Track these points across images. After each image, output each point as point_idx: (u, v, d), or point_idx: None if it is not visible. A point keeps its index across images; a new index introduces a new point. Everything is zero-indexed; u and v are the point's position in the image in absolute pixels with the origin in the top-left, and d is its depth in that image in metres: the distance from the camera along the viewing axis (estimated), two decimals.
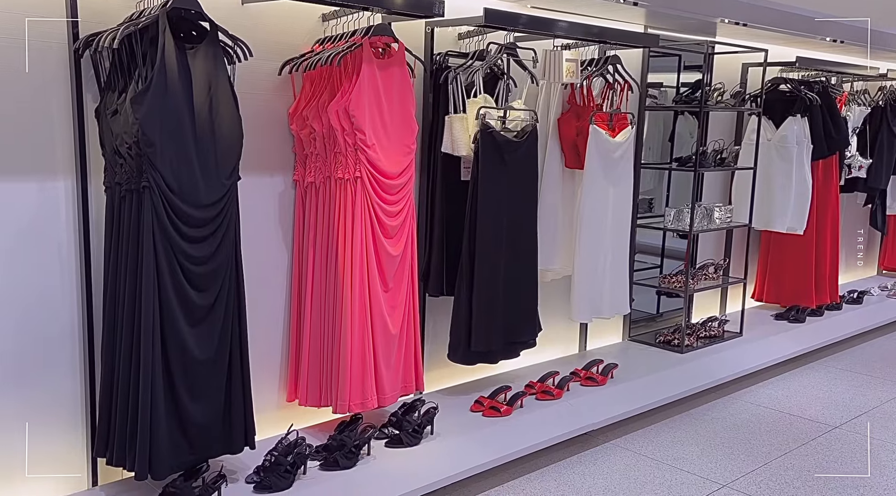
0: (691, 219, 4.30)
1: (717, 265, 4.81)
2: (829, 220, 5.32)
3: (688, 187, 5.00)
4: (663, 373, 4.03)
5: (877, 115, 5.80)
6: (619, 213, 3.97)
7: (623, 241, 4.05)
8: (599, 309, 3.97)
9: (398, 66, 3.01)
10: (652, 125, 4.81)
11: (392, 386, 3.05)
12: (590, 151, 3.76)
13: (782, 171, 4.96)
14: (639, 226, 4.39)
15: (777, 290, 5.35)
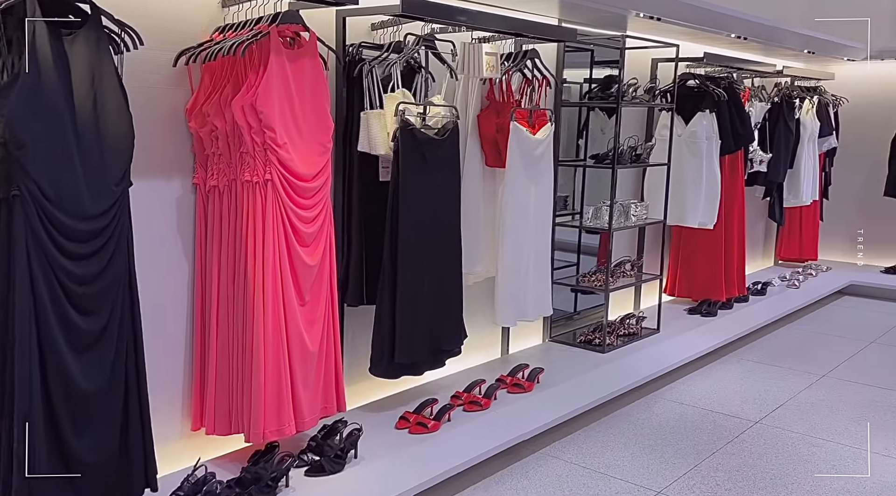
0: (610, 216, 4.24)
1: (633, 262, 4.79)
2: (735, 213, 5.43)
3: (601, 184, 4.96)
4: (588, 375, 3.95)
5: (775, 110, 5.98)
6: (541, 212, 3.85)
7: (545, 241, 3.93)
8: (524, 311, 3.84)
9: (310, 58, 2.74)
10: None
11: (311, 408, 2.78)
12: (511, 149, 3.61)
13: (693, 167, 5.00)
14: (557, 224, 4.29)
15: (689, 285, 5.42)
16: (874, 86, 6.96)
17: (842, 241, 7.27)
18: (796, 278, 6.36)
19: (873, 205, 7.03)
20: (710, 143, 5.01)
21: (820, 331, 5.51)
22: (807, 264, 6.91)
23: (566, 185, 4.96)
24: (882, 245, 7.06)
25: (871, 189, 6.99)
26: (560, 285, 4.43)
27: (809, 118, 6.34)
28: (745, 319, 5.21)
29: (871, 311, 6.13)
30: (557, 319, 4.66)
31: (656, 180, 4.96)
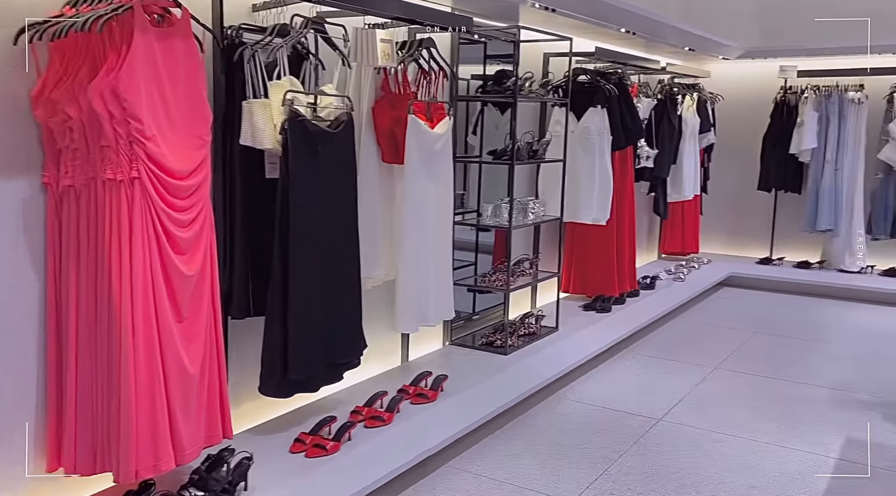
0: (510, 214, 4.11)
1: (531, 260, 4.69)
2: (626, 209, 5.47)
3: (496, 182, 4.83)
4: (492, 380, 3.79)
5: (659, 107, 6.09)
6: (442, 211, 3.65)
7: (446, 241, 3.74)
8: (425, 316, 3.62)
9: (182, 39, 2.39)
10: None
11: (192, 438, 2.44)
12: (409, 144, 3.39)
13: (586, 163, 4.97)
14: (456, 223, 4.11)
15: (583, 281, 5.40)
16: (746, 84, 7.26)
17: (720, 234, 7.57)
18: (681, 271, 6.52)
19: (747, 199, 7.35)
20: (602, 138, 4.99)
21: (707, 323, 5.65)
22: (689, 257, 7.12)
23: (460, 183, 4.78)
24: (756, 237, 7.39)
25: (744, 184, 7.31)
26: (459, 286, 4.25)
27: (690, 114, 6.51)
28: (637, 314, 5.24)
29: (749, 301, 6.38)
30: (457, 321, 4.48)
31: (550, 177, 4.88)
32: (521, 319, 4.58)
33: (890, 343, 5.17)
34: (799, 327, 5.57)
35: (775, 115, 6.90)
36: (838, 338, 5.29)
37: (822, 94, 6.64)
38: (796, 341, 5.20)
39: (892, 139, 6.36)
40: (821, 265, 6.86)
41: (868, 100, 6.53)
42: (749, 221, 7.43)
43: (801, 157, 6.72)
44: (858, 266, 6.63)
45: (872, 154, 6.54)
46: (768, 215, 7.28)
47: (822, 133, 6.60)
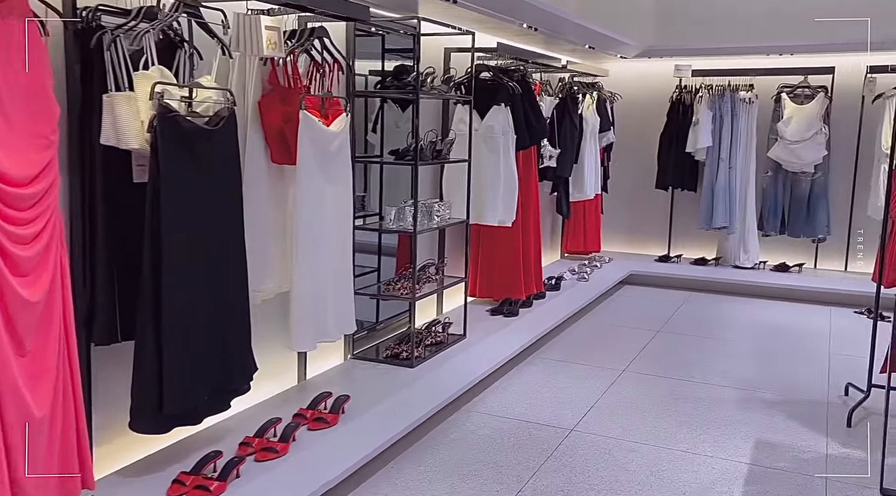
0: (415, 217, 3.86)
1: (436, 265, 4.47)
2: (531, 210, 5.34)
3: (398, 182, 4.58)
4: (399, 396, 3.54)
5: (560, 105, 6.01)
6: (340, 215, 3.36)
7: (346, 248, 3.45)
8: (324, 331, 3.32)
9: (16, 19, 2.00)
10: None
11: (41, 493, 2.05)
12: (302, 143, 3.07)
13: (491, 163, 4.79)
14: (356, 227, 3.83)
15: (489, 285, 5.23)
16: (643, 83, 7.33)
17: (619, 233, 7.61)
18: (584, 271, 6.49)
19: (645, 197, 7.42)
20: (507, 137, 4.83)
21: (611, 323, 5.61)
22: (591, 256, 7.11)
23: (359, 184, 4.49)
24: (655, 235, 7.48)
25: (643, 182, 7.38)
26: (362, 295, 3.97)
27: (590, 113, 6.48)
28: (544, 317, 5.12)
29: (650, 299, 6.41)
30: (359, 332, 4.19)
31: (454, 177, 4.68)
32: (428, 328, 4.35)
33: (785, 338, 5.28)
34: (699, 325, 5.62)
35: (671, 114, 6.98)
36: (737, 335, 5.36)
37: (715, 94, 6.77)
38: (698, 339, 5.23)
39: (780, 138, 6.56)
40: (717, 262, 7.01)
41: (758, 99, 6.70)
42: (647, 220, 7.51)
43: (696, 155, 6.83)
44: (752, 262, 6.80)
45: (763, 152, 6.73)
46: (666, 213, 7.38)
47: (717, 132, 6.73)
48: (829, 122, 6.47)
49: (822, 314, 5.95)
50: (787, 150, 6.52)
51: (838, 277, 6.61)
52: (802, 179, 6.63)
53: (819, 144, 6.43)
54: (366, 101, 4.27)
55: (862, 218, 6.56)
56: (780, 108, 6.63)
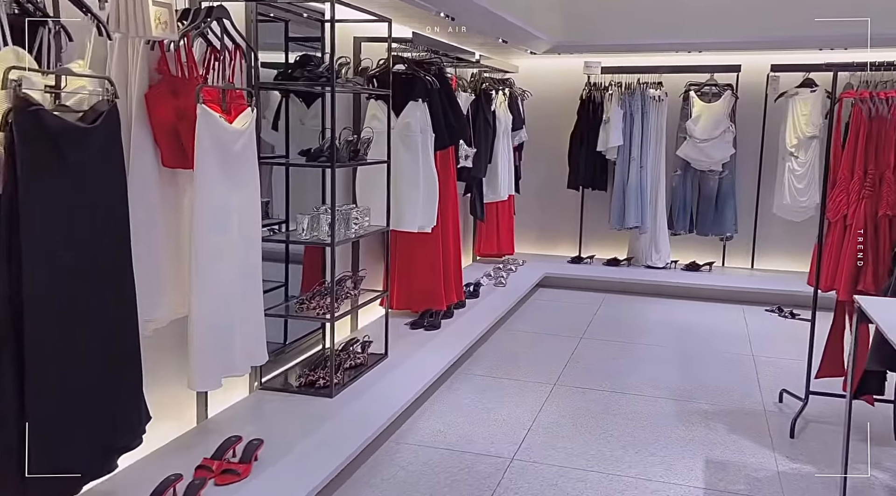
0: (332, 227, 3.40)
1: (353, 278, 4.03)
2: (450, 214, 4.99)
3: (304, 186, 4.11)
4: (319, 434, 3.09)
5: (474, 103, 5.70)
6: (247, 227, 2.87)
7: (254, 265, 2.96)
8: (231, 364, 2.83)
9: None
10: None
11: None
12: (201, 143, 2.57)
13: (409, 164, 4.40)
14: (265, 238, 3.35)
15: (408, 296, 4.84)
16: (553, 80, 7.15)
17: (531, 234, 7.41)
18: (501, 275, 6.22)
19: (556, 197, 7.26)
20: (425, 136, 4.45)
21: (533, 331, 5.36)
22: (505, 259, 6.86)
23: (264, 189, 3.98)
24: (566, 236, 7.32)
25: (553, 182, 7.21)
26: (272, 317, 3.48)
27: (503, 111, 6.21)
28: (467, 328, 4.79)
29: (567, 303, 6.22)
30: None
31: (369, 180, 4.26)
32: (345, 348, 3.90)
33: (706, 340, 5.20)
34: (620, 329, 5.46)
35: (582, 113, 6.83)
36: (659, 339, 5.23)
37: (625, 92, 6.67)
38: (622, 345, 5.06)
39: (689, 136, 6.54)
40: (629, 262, 6.93)
41: (668, 97, 6.66)
42: (558, 220, 7.35)
43: (607, 154, 6.71)
44: (664, 262, 6.76)
45: (673, 151, 6.69)
46: (576, 213, 7.24)
47: (628, 130, 6.63)
48: (735, 120, 6.51)
49: (734, 313, 5.95)
50: (696, 149, 6.51)
51: (746, 275, 6.67)
52: (710, 178, 6.64)
53: (727, 142, 6.45)
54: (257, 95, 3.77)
55: (767, 216, 6.65)
56: (688, 106, 6.61)
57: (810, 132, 6.18)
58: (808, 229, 6.50)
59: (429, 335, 4.56)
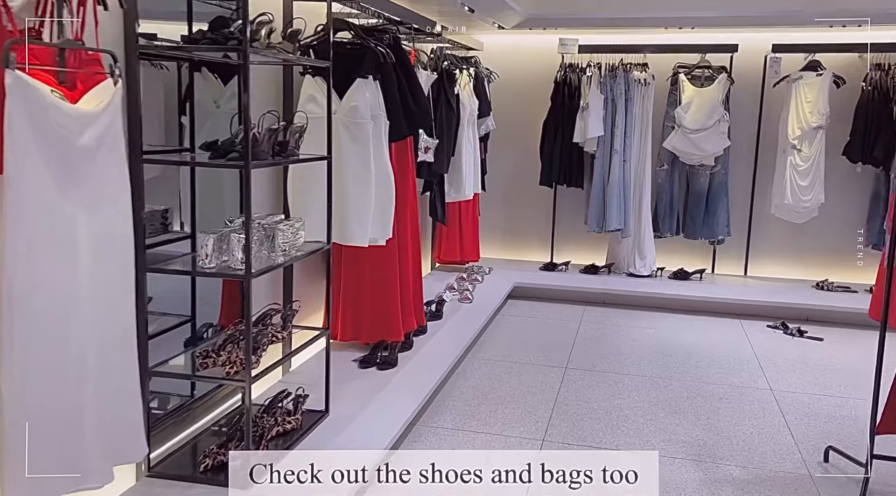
0: (247, 250, 2.41)
1: (283, 312, 3.04)
2: (408, 220, 4.03)
3: (217, 189, 3.12)
4: None
5: (435, 84, 4.74)
6: (108, 266, 1.87)
7: (122, 320, 1.96)
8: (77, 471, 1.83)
9: None
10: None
11: None
12: (15, 134, 1.56)
13: (357, 159, 3.43)
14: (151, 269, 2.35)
15: (356, 325, 3.87)
16: (524, 60, 6.24)
17: (495, 237, 6.52)
18: (466, 287, 5.31)
19: (525, 195, 6.38)
20: (378, 123, 3.49)
21: (508, 359, 4.45)
22: (469, 267, 5.95)
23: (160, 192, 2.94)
24: (536, 238, 6.45)
25: (522, 178, 6.32)
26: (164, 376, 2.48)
27: (467, 95, 5.27)
28: (431, 364, 3.85)
29: (542, 319, 5.36)
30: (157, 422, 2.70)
31: (303, 182, 3.28)
32: (271, 406, 2.92)
33: (711, 368, 4.39)
34: (610, 354, 4.61)
35: (556, 98, 5.93)
36: (657, 369, 4.39)
37: (606, 74, 5.81)
38: (616, 379, 4.20)
39: (677, 126, 5.73)
40: (609, 269, 6.09)
41: (654, 81, 5.82)
42: (529, 222, 6.47)
43: (585, 146, 5.84)
44: (649, 269, 5.94)
45: (659, 142, 5.87)
46: (548, 214, 6.36)
47: (609, 119, 5.78)
48: (728, 107, 5.72)
49: (733, 330, 5.17)
50: (687, 140, 5.70)
51: (740, 284, 5.91)
52: (701, 173, 5.85)
53: (722, 133, 5.65)
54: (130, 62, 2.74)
55: (764, 216, 5.91)
56: (677, 90, 5.79)
57: (815, 122, 5.44)
58: (809, 232, 5.82)
59: (383, 376, 3.61)
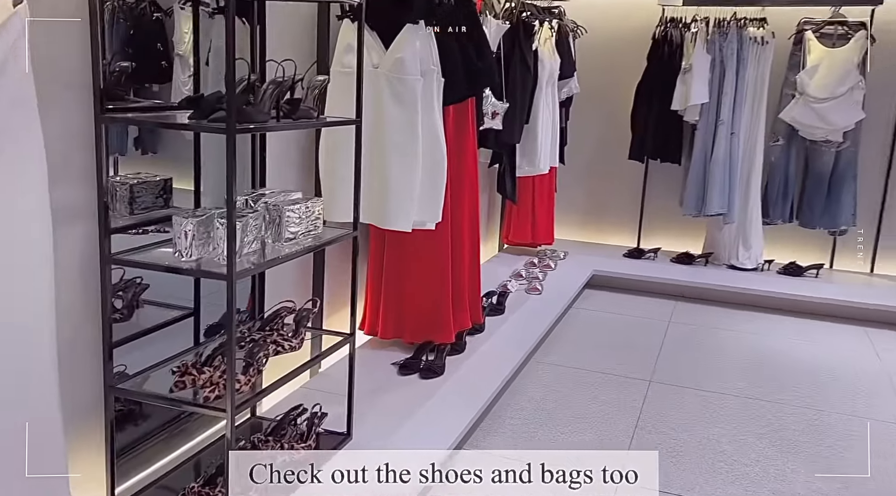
0: (229, 241, 1.82)
1: (300, 310, 2.46)
2: (466, 200, 3.36)
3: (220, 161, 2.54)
4: None
5: (509, 37, 4.04)
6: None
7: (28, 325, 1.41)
8: None
9: None
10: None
11: None
12: None
13: (401, 124, 2.78)
14: (115, 260, 1.81)
15: (398, 321, 3.27)
16: (616, 13, 5.41)
17: (575, 217, 5.78)
18: (536, 275, 4.64)
19: (610, 170, 5.61)
20: (430, 81, 2.83)
21: (578, 367, 3.75)
22: (541, 250, 5.27)
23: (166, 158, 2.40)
24: (621, 220, 5.68)
25: (608, 150, 5.55)
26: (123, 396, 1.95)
27: (548, 52, 4.52)
28: (485, 371, 3.23)
29: (624, 316, 4.62)
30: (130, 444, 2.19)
31: (339, 151, 2.68)
32: (279, 427, 2.37)
33: (839, 390, 3.57)
34: (705, 365, 3.86)
35: (654, 58, 5.11)
36: (769, 387, 3.59)
37: (714, 31, 4.93)
38: (714, 399, 3.45)
39: (800, 94, 4.81)
40: (707, 260, 5.27)
41: (774, 40, 4.90)
42: (614, 200, 5.69)
43: (686, 115, 5.00)
44: (755, 262, 5.09)
45: (775, 114, 4.97)
46: (637, 192, 5.58)
47: (715, 84, 4.91)
48: (865, 73, 4.75)
49: (858, 339, 4.31)
50: (810, 111, 4.78)
51: (865, 284, 4.98)
52: (824, 151, 4.92)
53: (855, 103, 4.71)
54: None
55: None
56: (801, 51, 4.85)
57: None
58: None
59: (425, 387, 3.00)
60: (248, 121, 1.82)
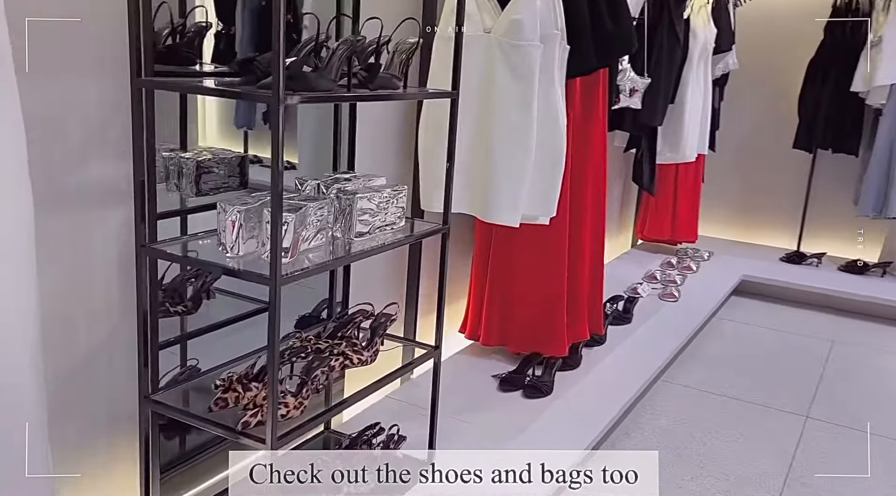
0: (275, 238, 1.48)
1: (377, 317, 2.11)
2: (589, 190, 2.87)
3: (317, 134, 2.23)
4: None
5: (657, 2, 3.47)
6: None
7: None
8: None
9: None
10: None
11: None
12: None
13: (514, 101, 2.34)
14: (152, 251, 1.53)
15: (502, 327, 2.85)
16: None
17: (724, 212, 5.10)
18: (673, 278, 4.07)
19: (770, 159, 4.87)
20: (552, 48, 2.37)
21: (719, 392, 3.19)
22: (681, 248, 4.66)
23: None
24: (780, 219, 4.94)
25: (768, 136, 4.82)
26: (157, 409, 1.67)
27: (702, 21, 3.90)
28: (603, 392, 2.75)
29: (778, 332, 3.96)
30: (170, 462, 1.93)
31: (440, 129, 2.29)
32: (352, 447, 2.05)
33: None
34: (877, 400, 3.18)
35: (834, 29, 4.32)
36: None
37: None
38: (892, 445, 2.80)
39: None
40: (884, 270, 4.44)
41: None
42: (771, 195, 4.96)
43: (869, 99, 4.20)
44: None
45: None
46: (801, 187, 4.81)
47: None
48: None
49: None
50: None
51: None
52: None
53: None
54: None
55: None
56: None
57: None
58: None
59: (528, 408, 2.58)
60: (304, 89, 1.47)
